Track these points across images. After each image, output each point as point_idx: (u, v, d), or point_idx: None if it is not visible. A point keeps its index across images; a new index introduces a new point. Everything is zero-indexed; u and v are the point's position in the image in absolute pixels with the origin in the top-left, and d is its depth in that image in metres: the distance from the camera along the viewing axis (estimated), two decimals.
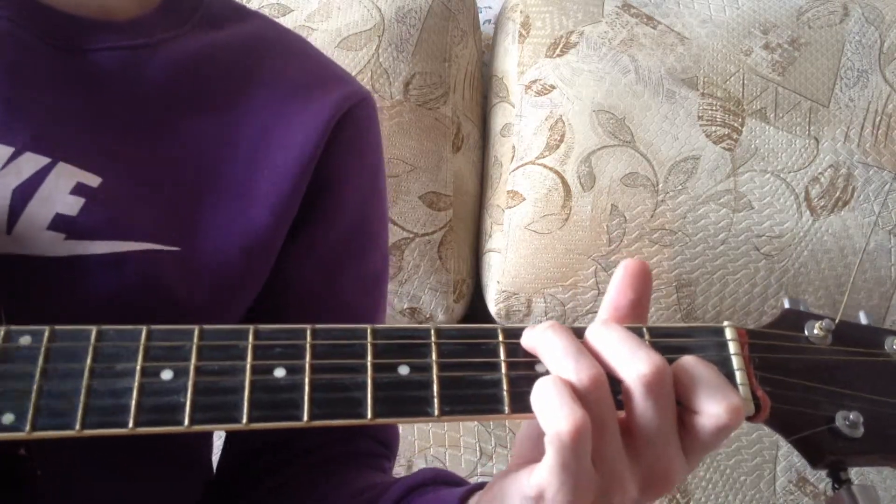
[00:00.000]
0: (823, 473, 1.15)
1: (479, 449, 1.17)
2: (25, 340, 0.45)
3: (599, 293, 1.18)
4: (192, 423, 0.44)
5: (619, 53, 1.21)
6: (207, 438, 0.77)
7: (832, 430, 0.48)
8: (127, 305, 0.59)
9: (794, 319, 0.52)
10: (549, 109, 1.21)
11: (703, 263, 1.17)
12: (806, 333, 0.51)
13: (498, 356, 0.48)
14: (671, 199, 1.16)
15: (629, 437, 0.46)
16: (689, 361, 0.47)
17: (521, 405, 0.46)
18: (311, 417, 0.45)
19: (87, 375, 0.44)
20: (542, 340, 0.47)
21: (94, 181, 0.60)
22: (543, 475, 0.44)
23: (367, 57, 1.23)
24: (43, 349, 0.45)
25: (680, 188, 1.16)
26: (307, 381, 0.46)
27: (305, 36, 0.83)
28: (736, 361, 0.49)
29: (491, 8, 1.49)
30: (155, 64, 0.66)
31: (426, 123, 1.24)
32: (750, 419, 0.48)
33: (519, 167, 1.21)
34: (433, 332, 0.48)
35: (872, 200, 1.16)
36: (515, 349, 0.48)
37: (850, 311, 0.52)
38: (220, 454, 0.77)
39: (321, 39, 1.22)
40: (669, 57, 1.21)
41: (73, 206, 0.58)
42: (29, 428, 0.42)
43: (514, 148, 1.23)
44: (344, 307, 0.74)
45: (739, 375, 0.48)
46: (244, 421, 0.44)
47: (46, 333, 0.45)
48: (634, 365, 0.45)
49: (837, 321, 0.51)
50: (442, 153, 1.24)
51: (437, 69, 1.26)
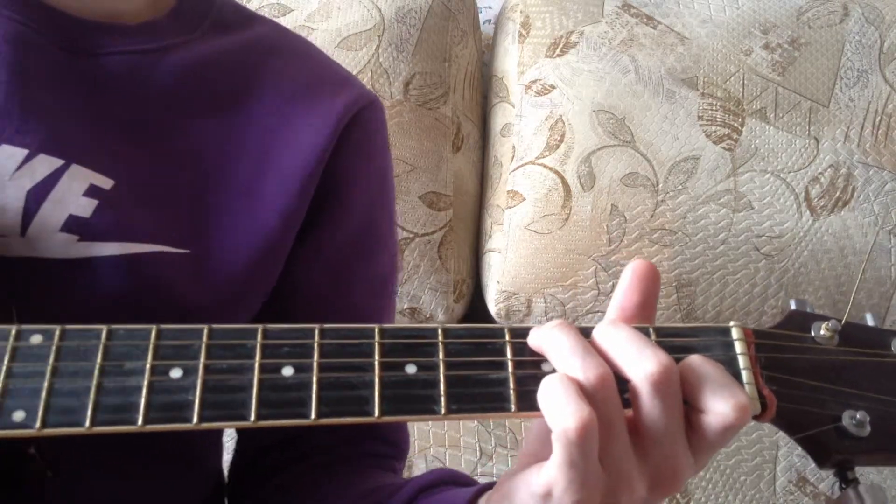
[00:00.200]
0: (823, 473, 1.16)
1: (479, 449, 1.17)
2: (36, 339, 0.45)
3: (599, 293, 1.18)
4: (200, 420, 0.44)
5: (619, 53, 1.21)
6: (214, 440, 0.77)
7: (839, 429, 0.48)
8: (136, 307, 0.59)
9: (800, 320, 0.52)
10: (549, 109, 1.21)
11: (703, 263, 1.17)
12: (812, 334, 0.51)
13: (505, 355, 0.48)
14: (671, 199, 1.16)
15: (637, 436, 0.46)
16: (695, 360, 0.47)
17: (527, 403, 0.47)
18: (318, 415, 0.45)
19: (97, 374, 0.44)
20: (548, 339, 0.47)
21: (106, 183, 0.60)
22: (551, 473, 0.44)
23: (367, 57, 1.23)
24: (54, 348, 0.45)
25: (680, 188, 1.16)
26: (315, 379, 0.46)
27: (305, 36, 0.83)
28: (742, 361, 0.49)
29: (491, 8, 1.49)
30: (163, 68, 0.66)
31: (426, 123, 1.24)
32: (757, 418, 0.48)
33: (519, 167, 1.21)
34: (440, 331, 0.48)
35: (872, 200, 1.16)
36: (522, 348, 0.48)
37: (851, 311, 0.53)
38: (231, 456, 0.77)
39: (321, 39, 1.22)
40: (669, 57, 1.21)
41: (86, 207, 0.58)
42: (39, 425, 0.42)
43: (514, 148, 1.23)
44: (352, 309, 0.74)
45: (745, 374, 0.49)
46: (252, 419, 0.44)
47: (57, 332, 0.45)
48: (641, 364, 0.45)
49: (843, 322, 0.51)
50: (442, 153, 1.25)
51: (437, 69, 1.26)
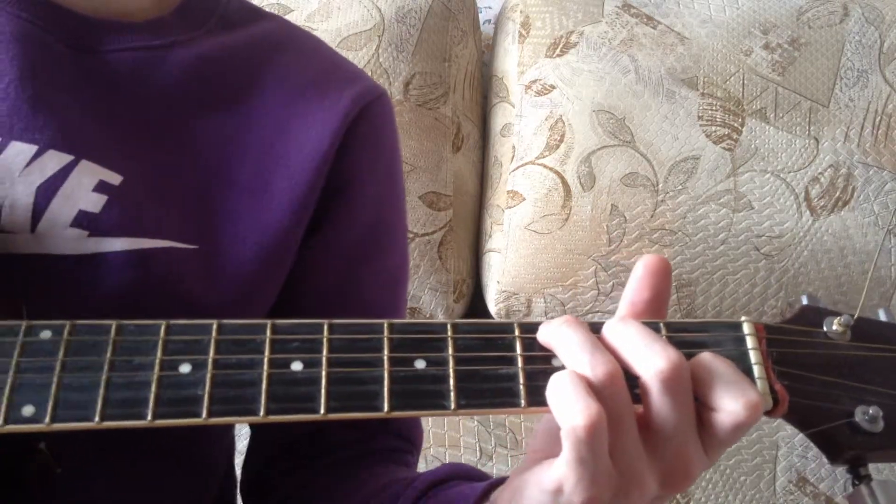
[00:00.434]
0: (824, 473, 1.16)
1: (479, 449, 1.17)
2: (46, 335, 0.45)
3: (599, 293, 1.18)
4: (209, 415, 0.44)
5: (619, 53, 1.21)
6: (223, 439, 0.76)
7: (851, 424, 0.48)
8: (145, 303, 0.59)
9: (812, 315, 0.52)
10: (549, 109, 1.21)
11: (703, 263, 1.17)
12: (825, 329, 0.51)
13: (514, 350, 0.48)
14: (671, 199, 1.16)
15: (647, 432, 0.46)
16: (706, 357, 0.47)
17: (537, 399, 0.47)
18: (327, 410, 0.45)
19: (106, 369, 0.44)
20: (557, 335, 0.47)
21: (115, 179, 0.60)
22: (562, 469, 0.44)
23: (367, 57, 1.23)
24: (63, 343, 0.45)
25: (680, 188, 1.16)
26: (324, 374, 0.46)
27: None
28: (753, 356, 0.49)
29: (491, 8, 1.49)
30: (170, 65, 0.66)
31: (426, 123, 1.24)
32: (768, 413, 0.48)
33: (519, 167, 1.21)
34: (450, 326, 0.48)
35: (872, 200, 1.16)
36: (531, 344, 0.48)
37: (852, 310, 0.52)
38: (244, 455, 0.77)
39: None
40: (669, 57, 1.21)
41: (96, 203, 0.58)
42: (49, 420, 0.42)
43: (514, 148, 1.23)
44: (363, 304, 0.74)
45: (757, 369, 0.48)
46: (261, 413, 0.44)
47: (67, 328, 0.45)
48: (651, 361, 0.45)
49: (856, 317, 0.51)
50: (442, 153, 1.24)
51: (437, 69, 1.26)
